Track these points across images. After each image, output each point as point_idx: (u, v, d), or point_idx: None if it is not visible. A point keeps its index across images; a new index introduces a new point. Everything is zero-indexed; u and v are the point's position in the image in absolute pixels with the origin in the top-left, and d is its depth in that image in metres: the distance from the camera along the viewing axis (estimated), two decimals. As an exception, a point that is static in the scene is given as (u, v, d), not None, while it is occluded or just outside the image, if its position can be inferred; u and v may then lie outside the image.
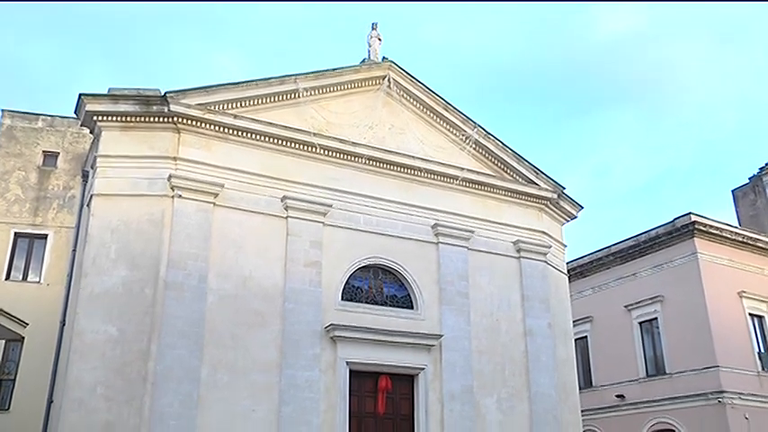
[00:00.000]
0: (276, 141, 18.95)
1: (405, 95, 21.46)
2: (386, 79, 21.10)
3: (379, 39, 21.98)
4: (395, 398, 19.04)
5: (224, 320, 17.07)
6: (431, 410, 18.92)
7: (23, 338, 19.97)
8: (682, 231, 27.94)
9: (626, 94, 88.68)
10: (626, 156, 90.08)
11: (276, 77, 19.38)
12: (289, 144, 19.11)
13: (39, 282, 20.85)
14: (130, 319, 16.25)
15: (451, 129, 22.00)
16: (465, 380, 19.53)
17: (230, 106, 18.65)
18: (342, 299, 18.87)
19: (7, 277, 20.99)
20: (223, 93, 18.54)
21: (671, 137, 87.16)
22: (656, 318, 28.49)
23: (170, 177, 17.35)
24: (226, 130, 18.36)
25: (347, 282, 19.14)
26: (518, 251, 21.88)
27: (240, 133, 18.52)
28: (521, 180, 22.62)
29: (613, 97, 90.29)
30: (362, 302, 19.27)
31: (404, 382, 19.24)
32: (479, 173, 21.86)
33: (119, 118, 17.70)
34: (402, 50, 29.29)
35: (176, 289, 16.67)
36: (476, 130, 21.99)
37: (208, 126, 18.15)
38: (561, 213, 24.07)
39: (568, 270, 25.50)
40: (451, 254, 20.63)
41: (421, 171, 20.88)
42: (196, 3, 76.68)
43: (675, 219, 28.39)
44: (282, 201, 18.58)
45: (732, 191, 34.86)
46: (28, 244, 21.43)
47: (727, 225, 29.06)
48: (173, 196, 17.34)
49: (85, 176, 20.81)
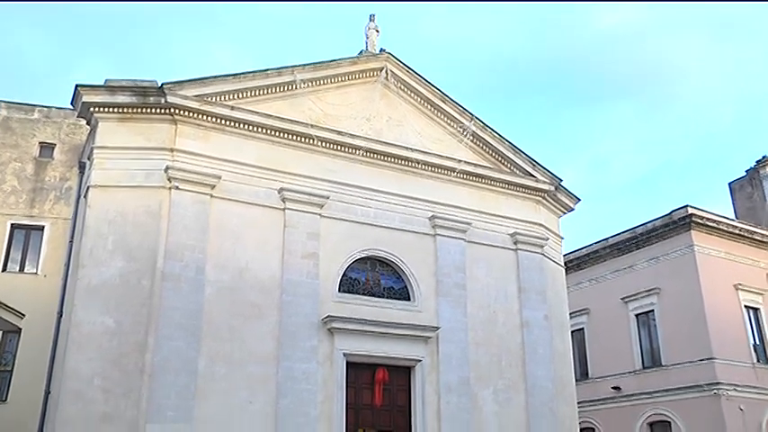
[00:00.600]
0: (273, 133, 18.92)
1: (402, 87, 21.43)
2: (383, 71, 21.05)
3: (376, 30, 21.94)
4: (392, 389, 19.09)
5: (221, 312, 17.08)
6: (428, 402, 18.98)
7: (20, 330, 19.98)
8: (679, 224, 28.00)
9: (624, 88, 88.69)
10: (623, 148, 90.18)
11: (273, 69, 19.33)
12: (286, 136, 19.08)
13: (36, 273, 20.83)
14: (128, 311, 16.25)
15: (449, 121, 21.99)
16: (462, 372, 19.58)
17: (227, 98, 18.61)
18: (339, 290, 18.89)
19: (4, 269, 20.97)
20: (220, 84, 18.49)
21: (668, 130, 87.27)
22: (653, 310, 28.59)
23: (167, 169, 17.32)
24: (223, 122, 18.33)
25: (344, 273, 19.16)
26: (515, 243, 21.91)
27: (237, 125, 18.49)
28: (518, 172, 22.62)
29: (611, 90, 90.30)
30: (360, 294, 19.30)
31: (401, 374, 19.29)
32: (477, 165, 21.85)
33: (116, 109, 17.65)
34: (399, 42, 29.21)
35: (173, 280, 16.67)
36: (473, 122, 21.98)
37: (205, 117, 18.11)
38: (558, 205, 24.10)
39: (565, 262, 25.55)
40: (449, 246, 20.65)
41: (418, 163, 20.87)
42: (193, -7, 76.35)
43: (672, 211, 28.45)
44: (280, 192, 18.57)
45: (729, 184, 34.91)
46: (25, 235, 21.39)
47: (723, 218, 29.14)
48: (170, 188, 17.32)
49: (82, 168, 20.77)
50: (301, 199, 18.72)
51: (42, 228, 21.32)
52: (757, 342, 28.10)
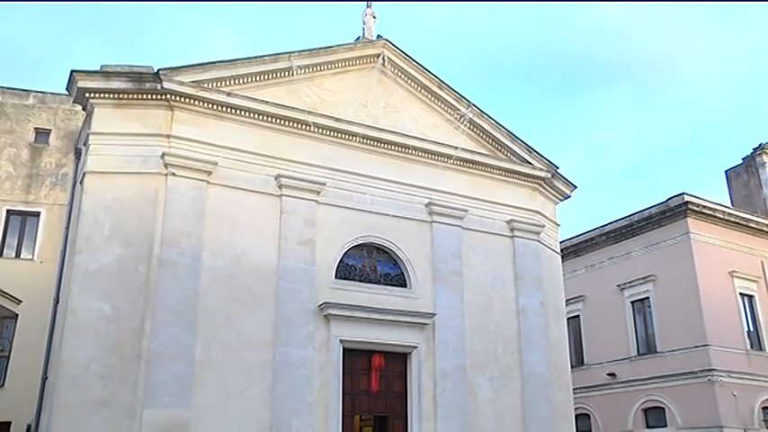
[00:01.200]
0: (270, 119, 18.87)
1: (399, 74, 21.37)
2: (380, 57, 20.98)
3: (374, 17, 21.84)
4: (388, 376, 19.18)
5: (218, 299, 17.11)
6: (424, 388, 19.07)
7: (17, 315, 20.01)
8: (675, 211, 28.06)
9: (620, 74, 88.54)
10: (620, 135, 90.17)
11: (270, 55, 19.25)
12: (283, 122, 19.03)
13: (32, 259, 20.83)
14: (124, 297, 16.26)
15: (446, 107, 21.94)
16: (458, 358, 19.66)
17: (224, 84, 18.53)
18: (335, 277, 18.91)
19: (0, 254, 20.94)
20: (217, 70, 18.41)
21: (665, 117, 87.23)
22: (648, 297, 28.71)
23: (163, 155, 17.28)
24: (219, 108, 18.26)
25: (341, 260, 19.18)
26: (512, 230, 21.94)
27: (234, 111, 18.43)
28: (515, 159, 22.61)
29: (607, 77, 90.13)
30: (356, 281, 19.32)
31: (397, 361, 19.37)
32: (473, 152, 21.84)
33: (111, 95, 17.57)
34: (396, 29, 29.11)
35: (170, 267, 16.68)
36: (470, 109, 21.94)
37: (201, 104, 18.05)
38: (555, 193, 24.11)
39: (562, 249, 25.60)
40: (445, 233, 20.67)
41: (415, 150, 20.84)
42: (189, -22, 75.78)
43: (669, 199, 28.50)
44: (276, 179, 18.54)
45: (725, 171, 34.95)
46: (20, 221, 21.37)
47: (720, 205, 29.21)
48: (166, 174, 17.28)
49: (78, 154, 20.71)
50: (298, 185, 18.70)
51: (38, 214, 21.30)
52: (751, 329, 28.27)
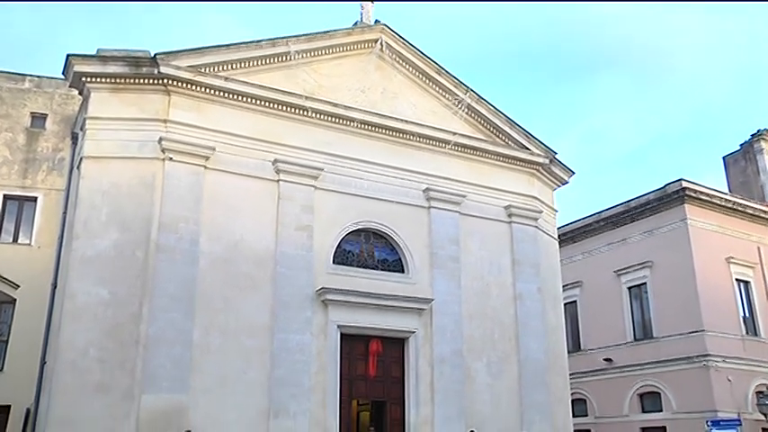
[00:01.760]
0: (267, 104, 18.81)
1: (397, 59, 21.28)
2: (378, 42, 20.89)
3: (371, 1, 21.71)
4: (385, 361, 19.25)
5: (216, 284, 17.13)
6: (421, 373, 19.16)
7: (15, 300, 20.02)
8: (672, 197, 28.07)
9: (618, 60, 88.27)
10: (618, 121, 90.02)
11: (268, 40, 19.17)
12: (280, 107, 18.97)
13: (29, 244, 20.78)
14: (122, 282, 16.28)
15: (444, 93, 21.88)
16: (455, 343, 19.73)
17: (221, 68, 18.45)
18: (333, 263, 18.93)
19: (-3, 239, 20.92)
20: (214, 55, 18.32)
21: (664, 103, 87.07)
22: (645, 283, 28.78)
23: (161, 140, 17.23)
24: (217, 93, 18.20)
25: (338, 246, 19.20)
26: (509, 216, 21.96)
27: (231, 96, 18.37)
28: (513, 145, 22.59)
29: (605, 63, 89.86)
30: (354, 266, 19.35)
31: (394, 346, 19.44)
32: (471, 137, 21.81)
33: (108, 79, 17.49)
34: (394, 15, 28.93)
35: (168, 252, 16.68)
36: (468, 95, 21.89)
37: (198, 88, 17.98)
38: (553, 178, 24.11)
39: (559, 235, 25.65)
40: (443, 218, 20.68)
41: (413, 135, 20.81)
42: (185, -38, 75.21)
43: (666, 185, 28.50)
44: (274, 164, 18.51)
45: (723, 157, 34.89)
46: (17, 206, 21.29)
47: (717, 191, 29.22)
48: (163, 159, 17.25)
49: (75, 139, 20.64)
50: (295, 171, 18.67)
51: (35, 199, 21.23)
52: (747, 315, 28.38)
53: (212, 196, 17.61)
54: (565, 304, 25.47)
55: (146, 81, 17.60)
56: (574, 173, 24.49)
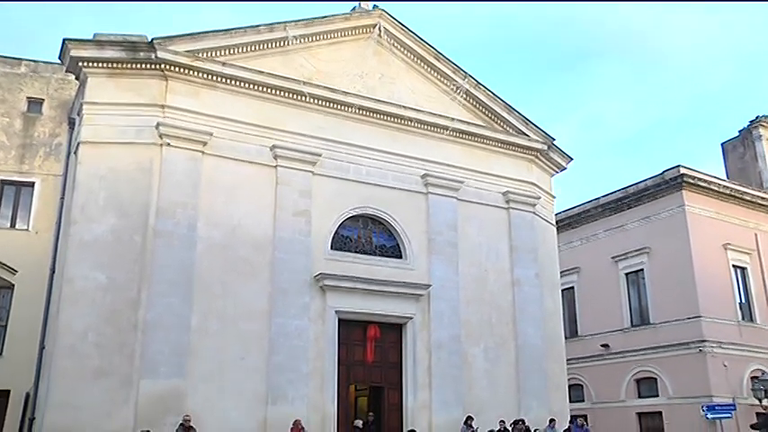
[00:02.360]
0: (265, 90, 18.75)
1: (395, 44, 21.20)
2: (376, 28, 20.81)
3: (369, -14, 21.59)
4: (383, 346, 19.32)
5: (214, 269, 17.15)
6: (419, 359, 19.23)
7: (13, 285, 20.02)
8: (670, 184, 28.07)
9: (616, 46, 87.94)
10: (616, 108, 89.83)
11: (265, 25, 19.08)
12: (278, 92, 18.91)
13: (27, 229, 20.74)
14: (120, 267, 16.29)
15: (442, 78, 21.82)
16: (453, 329, 19.80)
17: (219, 54, 18.38)
18: (331, 248, 18.95)
19: (-6, 224, 20.87)
20: (211, 40, 18.24)
21: (662, 89, 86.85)
22: (643, 269, 28.83)
23: (158, 125, 17.18)
24: (214, 78, 18.13)
25: (336, 231, 19.21)
26: (507, 202, 21.97)
27: (229, 81, 18.30)
28: (511, 131, 22.56)
29: (603, 49, 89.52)
30: (352, 252, 19.37)
31: (392, 331, 19.51)
32: (470, 123, 21.77)
33: (105, 64, 17.42)
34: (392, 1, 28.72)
35: (166, 237, 16.69)
36: (466, 80, 21.82)
37: (196, 73, 17.90)
38: (551, 164, 24.10)
39: (557, 221, 25.67)
40: (441, 204, 20.68)
41: (411, 121, 20.76)
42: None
43: (664, 171, 28.49)
44: (272, 150, 18.47)
45: (721, 144, 34.88)
46: (15, 191, 21.22)
47: (715, 178, 29.22)
48: (161, 144, 17.21)
49: (72, 124, 20.54)
50: (293, 156, 18.64)
51: (32, 184, 21.15)
52: (743, 301, 28.47)
53: (210, 182, 17.59)
54: (562, 290, 25.54)
55: (143, 66, 17.52)
56: (572, 159, 24.48)
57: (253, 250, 17.75)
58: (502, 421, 18.95)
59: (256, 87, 18.62)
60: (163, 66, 17.49)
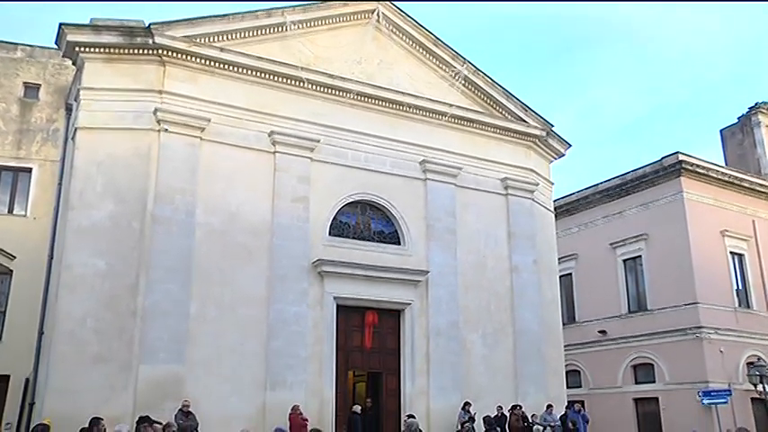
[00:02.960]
0: (263, 75, 18.68)
1: (394, 30, 21.10)
2: (375, 13, 20.71)
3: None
4: (381, 332, 19.39)
5: (212, 255, 17.16)
6: (417, 345, 19.30)
7: (11, 271, 20.01)
8: (669, 170, 28.06)
9: (615, 34, 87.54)
10: (615, 95, 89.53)
11: (263, 10, 18.99)
12: (276, 78, 18.84)
13: (25, 215, 20.71)
14: (119, 253, 16.29)
15: (441, 65, 21.74)
16: (451, 315, 19.86)
17: (216, 39, 18.29)
18: (329, 234, 18.96)
19: (-8, 210, 20.83)
20: (209, 25, 18.15)
21: (661, 76, 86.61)
22: (640, 255, 28.88)
23: (156, 111, 17.12)
24: (212, 64, 18.05)
25: (335, 217, 19.21)
26: (506, 188, 21.97)
27: (227, 67, 18.22)
28: (509, 117, 22.51)
29: (602, 36, 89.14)
30: (350, 238, 19.39)
31: (390, 317, 19.56)
32: (468, 109, 21.73)
33: (102, 49, 17.32)
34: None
35: (164, 223, 16.68)
36: (465, 66, 21.75)
37: (194, 59, 17.82)
38: (549, 151, 24.08)
39: (555, 207, 25.69)
40: (439, 190, 20.68)
41: (409, 107, 20.71)
42: (179, -71, 73.88)
43: (663, 158, 28.47)
44: (270, 136, 18.43)
45: (720, 130, 34.82)
46: (12, 177, 21.16)
47: (713, 164, 29.21)
48: (159, 130, 17.16)
49: (69, 109, 20.48)
50: (292, 142, 18.60)
51: (30, 170, 21.09)
52: (740, 287, 28.56)
53: (208, 168, 17.56)
54: (560, 276, 25.60)
55: (140, 51, 17.43)
56: (570, 145, 24.46)
57: (251, 236, 17.76)
58: (499, 407, 19.10)
59: (254, 73, 18.54)
60: (160, 51, 17.41)
